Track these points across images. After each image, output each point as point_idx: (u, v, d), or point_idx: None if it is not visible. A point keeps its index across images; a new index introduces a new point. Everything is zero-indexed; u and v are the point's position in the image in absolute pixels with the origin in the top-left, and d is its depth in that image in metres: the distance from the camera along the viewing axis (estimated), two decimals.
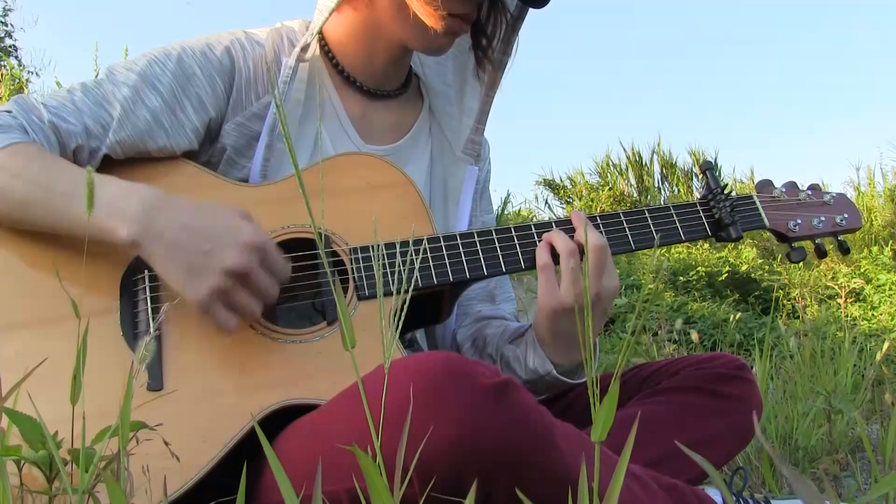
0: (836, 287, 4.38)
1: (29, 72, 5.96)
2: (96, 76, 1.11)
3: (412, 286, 0.99)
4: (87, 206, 0.62)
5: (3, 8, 6.43)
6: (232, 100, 1.12)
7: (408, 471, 0.66)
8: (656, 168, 7.39)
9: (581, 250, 1.04)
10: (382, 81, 1.22)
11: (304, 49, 1.13)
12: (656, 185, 7.35)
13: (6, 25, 6.42)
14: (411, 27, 1.10)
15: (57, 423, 0.69)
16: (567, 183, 7.41)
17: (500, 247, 1.09)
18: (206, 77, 1.10)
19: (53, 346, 0.93)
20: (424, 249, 1.05)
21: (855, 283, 4.47)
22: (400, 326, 0.52)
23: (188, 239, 0.93)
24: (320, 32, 1.19)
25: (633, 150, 7.41)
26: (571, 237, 1.06)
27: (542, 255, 1.05)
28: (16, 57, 6.26)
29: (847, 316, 4.05)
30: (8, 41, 6.40)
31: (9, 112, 1.02)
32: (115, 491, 0.56)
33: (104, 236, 0.95)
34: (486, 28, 1.21)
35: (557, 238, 1.05)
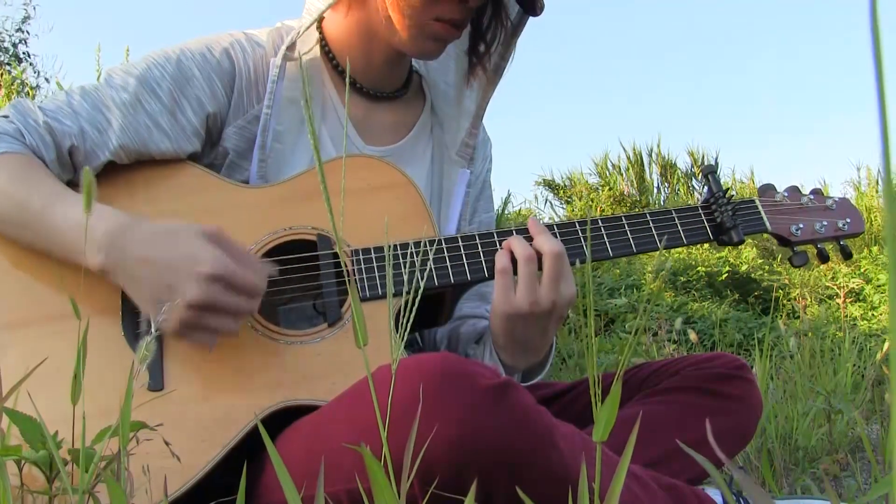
0: (836, 287, 4.38)
1: (37, 73, 5.98)
2: (98, 78, 1.11)
3: (417, 287, 0.99)
4: (84, 206, 0.62)
5: (22, 16, 6.45)
6: (233, 102, 1.11)
7: (412, 470, 0.67)
8: (655, 168, 7.39)
9: (540, 257, 1.02)
10: (381, 83, 1.21)
11: (291, 48, 1.12)
12: (656, 185, 7.35)
13: (22, 32, 6.43)
14: (393, 32, 1.10)
15: (57, 422, 0.69)
16: (567, 183, 7.41)
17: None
18: (204, 78, 1.09)
19: (54, 346, 0.94)
20: (426, 251, 1.05)
21: (855, 283, 4.47)
22: (409, 328, 0.52)
23: (150, 273, 0.92)
24: (321, 32, 1.19)
25: (633, 150, 7.41)
26: (532, 243, 1.04)
27: (500, 260, 1.03)
28: (31, 63, 6.27)
29: (847, 316, 4.05)
30: (22, 48, 6.41)
31: (6, 117, 1.03)
32: (115, 491, 0.56)
33: (74, 260, 0.96)
34: (486, 35, 1.21)
35: (516, 244, 1.03)
